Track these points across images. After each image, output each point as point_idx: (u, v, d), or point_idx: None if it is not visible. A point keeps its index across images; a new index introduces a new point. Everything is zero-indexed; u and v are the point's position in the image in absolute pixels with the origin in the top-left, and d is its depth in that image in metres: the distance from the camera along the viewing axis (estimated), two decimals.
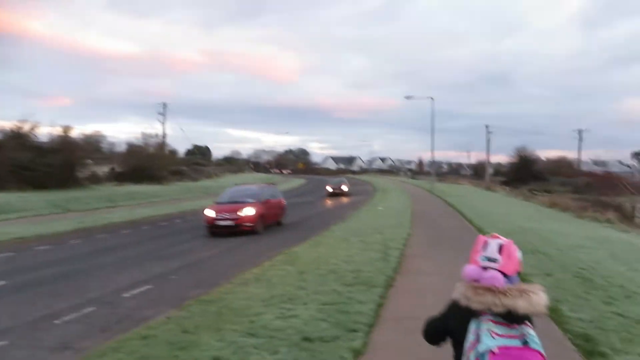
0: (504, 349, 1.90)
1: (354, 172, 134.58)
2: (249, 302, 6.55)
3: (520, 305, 1.94)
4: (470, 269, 2.15)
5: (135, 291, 8.25)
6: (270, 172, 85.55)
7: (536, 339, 1.96)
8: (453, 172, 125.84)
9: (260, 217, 16.14)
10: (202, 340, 4.98)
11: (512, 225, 16.45)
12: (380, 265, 8.99)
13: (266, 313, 5.96)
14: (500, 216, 20.55)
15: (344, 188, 37.92)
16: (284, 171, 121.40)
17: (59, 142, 36.08)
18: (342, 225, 16.76)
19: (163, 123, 57.58)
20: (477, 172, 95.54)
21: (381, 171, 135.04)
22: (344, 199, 34.04)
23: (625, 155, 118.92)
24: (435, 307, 2.60)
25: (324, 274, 8.37)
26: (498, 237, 2.20)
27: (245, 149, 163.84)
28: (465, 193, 38.83)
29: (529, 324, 2.02)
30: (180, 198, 34.69)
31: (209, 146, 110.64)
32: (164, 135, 55.52)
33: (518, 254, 2.20)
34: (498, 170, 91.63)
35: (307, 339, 4.95)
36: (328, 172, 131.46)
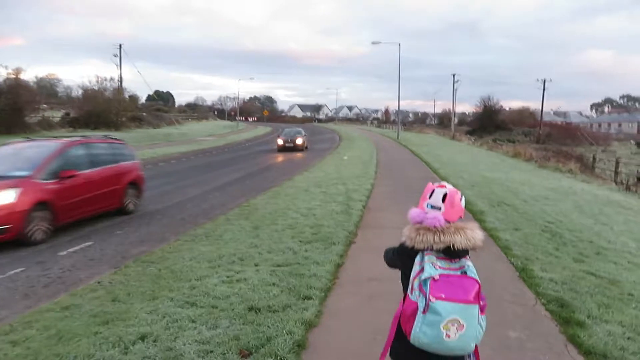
0: (444, 276, 2.13)
1: (320, 121, 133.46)
2: (193, 264, 5.88)
3: (458, 240, 2.19)
4: (414, 213, 2.37)
5: (76, 248, 7.46)
6: (235, 120, 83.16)
7: (473, 269, 2.22)
8: (419, 121, 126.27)
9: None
10: (132, 312, 4.30)
11: (476, 176, 16.19)
12: (341, 219, 8.43)
13: (211, 276, 5.32)
14: (465, 166, 20.31)
15: (299, 141, 30.07)
16: (250, 119, 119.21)
17: (6, 84, 33.62)
18: (305, 175, 16.12)
19: (119, 66, 54.64)
20: (443, 121, 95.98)
21: (348, 120, 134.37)
22: (312, 147, 33.26)
23: (584, 107, 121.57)
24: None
25: (280, 229, 7.75)
26: (444, 186, 2.37)
27: (210, 96, 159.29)
28: (430, 142, 38.67)
29: (467, 257, 2.29)
30: (139, 145, 33.21)
31: (171, 92, 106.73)
32: (121, 79, 52.64)
33: (462, 202, 2.36)
34: (463, 120, 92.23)
35: (253, 309, 4.33)
36: (294, 120, 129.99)
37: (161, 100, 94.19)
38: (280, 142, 29.99)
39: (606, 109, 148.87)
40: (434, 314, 2.09)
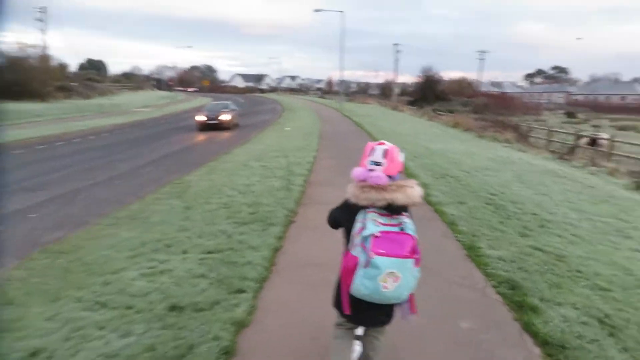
0: (384, 233, 2.28)
1: (263, 91, 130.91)
2: (111, 253, 5.18)
3: (398, 197, 2.33)
4: (358, 171, 2.48)
5: None
6: (173, 90, 79.51)
7: (411, 226, 2.38)
8: (361, 91, 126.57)
9: None
10: (27, 319, 3.62)
11: (419, 147, 16.09)
12: (281, 196, 7.91)
13: (130, 268, 4.66)
14: (407, 137, 20.25)
15: (225, 117, 23.22)
16: (189, 89, 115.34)
17: None
18: (245, 148, 15.40)
19: (43, 31, 50.39)
20: (385, 91, 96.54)
21: (291, 90, 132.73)
22: (253, 118, 32.22)
23: (518, 77, 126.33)
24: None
25: (214, 209, 7.13)
26: (384, 144, 2.49)
27: (148, 65, 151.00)
28: (373, 113, 38.60)
29: (406, 214, 2.43)
30: (67, 117, 30.93)
31: (105, 61, 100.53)
32: (45, 46, 48.69)
33: (401, 156, 2.49)
34: (404, 90, 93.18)
35: (175, 308, 3.76)
36: (236, 90, 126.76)
37: (94, 69, 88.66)
38: (200, 118, 23.28)
39: (538, 80, 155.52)
40: (373, 268, 2.25)
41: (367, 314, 2.50)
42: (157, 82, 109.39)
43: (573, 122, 55.93)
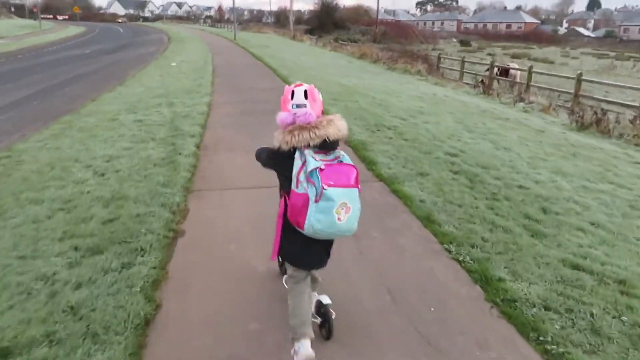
0: (328, 165, 2.28)
1: (146, 19, 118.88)
2: None
3: (331, 132, 2.36)
4: (284, 116, 2.43)
5: None
6: (37, 18, 67.72)
7: (347, 157, 2.41)
8: (255, 19, 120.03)
9: None
10: None
11: (332, 84, 13.69)
12: (161, 179, 5.14)
13: None
14: (314, 71, 17.69)
15: None
16: (59, 17, 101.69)
17: None
18: (118, 92, 11.97)
19: None
20: (280, 19, 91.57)
21: (178, 18, 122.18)
22: (134, 51, 27.37)
23: (410, 5, 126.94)
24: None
25: (44, 215, 4.25)
26: (301, 85, 2.47)
27: None
28: (271, 43, 35.04)
29: (338, 148, 2.45)
30: None
31: None
32: None
33: (320, 96, 2.52)
34: (300, 18, 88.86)
35: None
36: (115, 18, 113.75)
37: None
38: None
39: (429, 8, 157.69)
40: (327, 201, 2.23)
41: (317, 255, 2.51)
42: (17, 8, 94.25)
43: (468, 50, 56.52)
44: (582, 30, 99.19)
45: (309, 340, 2.46)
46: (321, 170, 2.23)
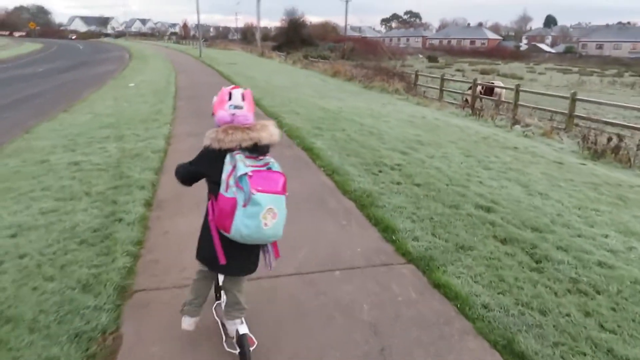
0: (256, 172, 2.30)
1: (109, 36, 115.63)
2: None
3: (264, 136, 2.41)
4: (222, 115, 2.45)
5: None
6: None
7: (277, 165, 2.41)
8: (221, 36, 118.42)
9: None
10: None
11: (313, 107, 12.20)
12: (83, 275, 3.40)
13: None
14: (289, 91, 16.17)
15: None
16: (16, 34, 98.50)
17: None
18: (60, 121, 10.12)
19: None
20: (246, 36, 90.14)
21: (142, 35, 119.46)
22: (92, 70, 25.24)
23: (375, 22, 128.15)
24: None
25: None
26: (238, 87, 2.53)
27: None
28: (239, 60, 33.44)
29: (269, 154, 2.47)
30: None
31: None
32: None
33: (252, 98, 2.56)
34: (267, 34, 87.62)
35: None
36: (77, 34, 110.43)
37: None
38: None
39: (394, 24, 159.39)
40: (254, 206, 2.24)
41: (239, 260, 2.49)
42: None
43: (436, 66, 56.31)
44: (542, 46, 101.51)
45: (190, 318, 2.67)
46: (250, 176, 2.26)
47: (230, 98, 2.46)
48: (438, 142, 8.68)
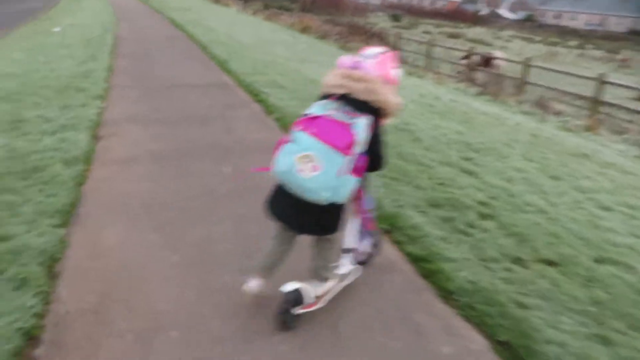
0: (326, 117, 2.15)
1: None
2: None
3: (361, 89, 2.23)
4: (345, 59, 2.36)
5: None
6: None
7: (361, 127, 2.15)
8: None
9: None
10: None
11: (296, 75, 9.40)
12: None
13: None
14: (260, 51, 13.03)
15: None
16: None
17: None
18: None
19: None
20: None
21: None
22: (7, 7, 20.70)
23: None
24: None
25: None
26: (374, 48, 2.35)
27: None
28: (192, 6, 29.22)
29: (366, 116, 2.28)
30: None
31: None
32: None
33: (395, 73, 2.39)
34: None
35: None
36: None
37: None
38: None
39: None
40: (293, 143, 2.11)
41: (286, 208, 2.26)
42: None
43: (401, 26, 53.35)
44: (503, 12, 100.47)
45: (253, 279, 2.47)
46: (312, 117, 2.11)
47: (362, 52, 2.37)
48: (491, 145, 6.21)
